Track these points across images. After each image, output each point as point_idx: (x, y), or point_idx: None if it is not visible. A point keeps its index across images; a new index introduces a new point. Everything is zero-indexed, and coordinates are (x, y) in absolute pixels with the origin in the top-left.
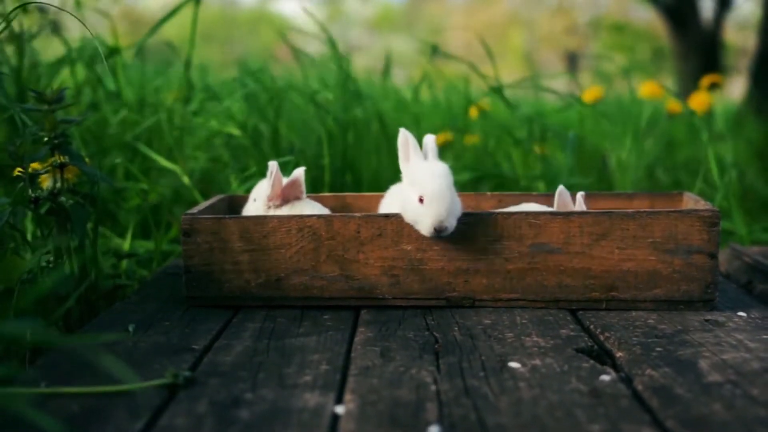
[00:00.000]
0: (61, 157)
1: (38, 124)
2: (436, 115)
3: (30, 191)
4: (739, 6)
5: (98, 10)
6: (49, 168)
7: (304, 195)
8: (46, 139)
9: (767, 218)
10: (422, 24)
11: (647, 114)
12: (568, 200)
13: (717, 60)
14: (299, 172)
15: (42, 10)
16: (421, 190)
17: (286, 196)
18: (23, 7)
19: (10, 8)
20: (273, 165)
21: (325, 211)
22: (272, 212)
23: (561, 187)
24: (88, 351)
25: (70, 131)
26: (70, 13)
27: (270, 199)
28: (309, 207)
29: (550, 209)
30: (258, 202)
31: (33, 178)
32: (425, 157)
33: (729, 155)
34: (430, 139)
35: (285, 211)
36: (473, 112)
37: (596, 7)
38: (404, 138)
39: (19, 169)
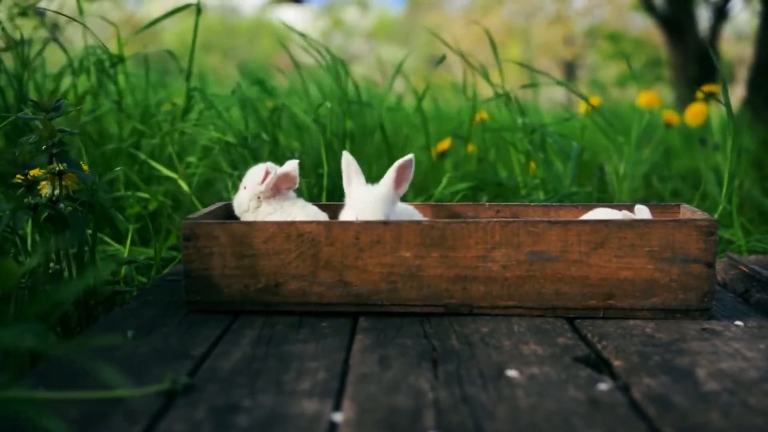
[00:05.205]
0: (60, 165)
1: (37, 131)
2: (437, 124)
3: (29, 198)
4: (735, 16)
5: (101, 17)
6: (47, 175)
7: (297, 184)
8: (44, 147)
9: (764, 227)
10: (420, 34)
11: (644, 123)
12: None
13: (714, 70)
14: (292, 165)
15: (41, 15)
16: (359, 214)
17: (278, 187)
18: (24, 13)
19: (11, 13)
20: (273, 168)
21: (321, 214)
22: (263, 205)
23: (639, 206)
24: (85, 358)
25: (71, 139)
26: (69, 17)
27: (264, 196)
28: (300, 207)
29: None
30: (248, 190)
31: (32, 185)
32: (349, 177)
33: (726, 165)
34: (347, 159)
35: (275, 205)
36: (476, 119)
37: (593, 17)
38: (346, 162)
39: (19, 176)
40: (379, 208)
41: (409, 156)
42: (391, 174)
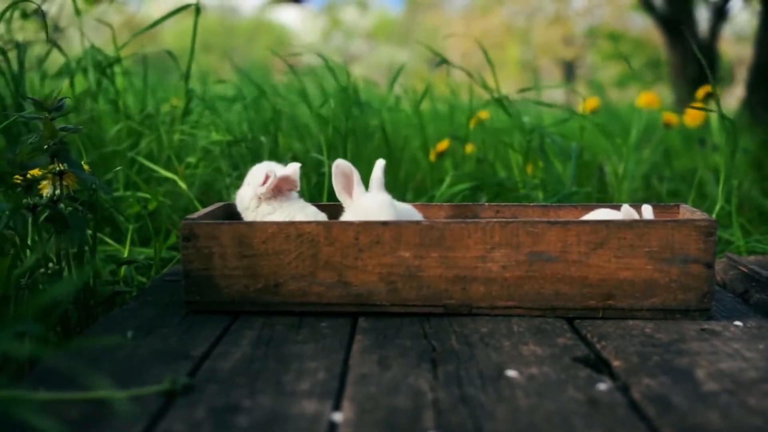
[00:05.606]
0: (60, 165)
1: (37, 131)
2: (437, 124)
3: (29, 198)
4: (735, 16)
5: (99, 20)
6: (48, 175)
7: (298, 187)
8: (45, 147)
9: (764, 228)
10: (419, 34)
11: (643, 124)
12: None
13: (713, 70)
14: (293, 169)
15: (42, 16)
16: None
17: (279, 188)
18: (24, 15)
19: (7, 12)
20: (272, 172)
21: (320, 215)
22: (263, 205)
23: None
24: (81, 363)
25: (71, 139)
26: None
27: (265, 197)
28: (300, 208)
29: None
30: (250, 188)
31: (32, 185)
32: (348, 185)
33: (725, 166)
34: (346, 167)
35: (275, 205)
36: (473, 122)
37: (593, 17)
38: (348, 170)
39: (18, 176)
40: (393, 212)
41: (382, 161)
42: (381, 178)
